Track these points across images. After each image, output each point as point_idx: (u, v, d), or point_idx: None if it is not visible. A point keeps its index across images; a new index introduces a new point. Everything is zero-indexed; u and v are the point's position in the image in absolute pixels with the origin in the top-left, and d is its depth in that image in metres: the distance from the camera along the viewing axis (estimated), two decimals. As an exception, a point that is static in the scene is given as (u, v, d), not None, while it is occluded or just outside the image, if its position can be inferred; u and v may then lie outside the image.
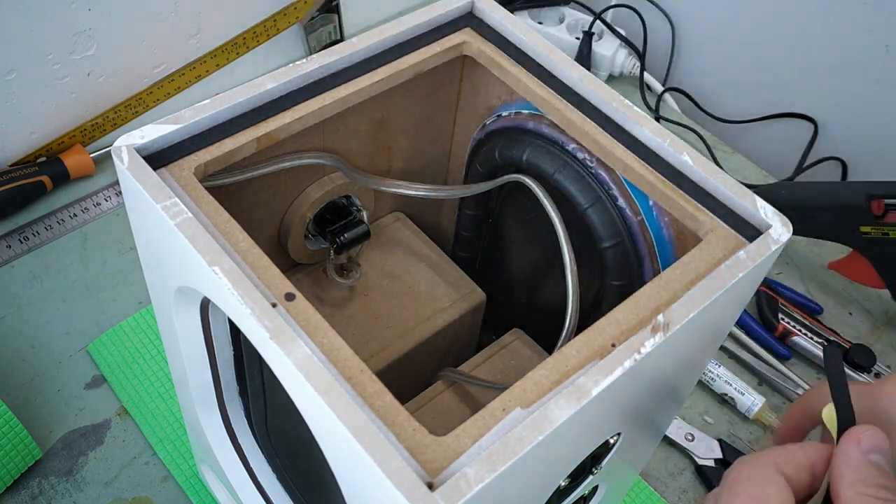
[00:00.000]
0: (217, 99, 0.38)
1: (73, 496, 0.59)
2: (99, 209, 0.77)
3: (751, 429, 0.68)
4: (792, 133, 0.96)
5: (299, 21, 0.90)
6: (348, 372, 0.29)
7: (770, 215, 0.36)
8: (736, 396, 0.68)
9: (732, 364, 0.73)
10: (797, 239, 0.81)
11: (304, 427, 0.31)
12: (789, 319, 0.74)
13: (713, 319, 0.37)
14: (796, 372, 0.72)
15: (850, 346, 0.73)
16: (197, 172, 0.36)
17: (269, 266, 0.32)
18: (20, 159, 0.76)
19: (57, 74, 0.74)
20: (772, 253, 0.35)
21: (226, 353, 0.43)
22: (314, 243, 0.51)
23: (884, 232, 0.69)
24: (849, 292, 0.79)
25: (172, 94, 0.83)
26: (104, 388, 0.65)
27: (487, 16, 0.45)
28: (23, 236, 0.73)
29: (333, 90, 0.40)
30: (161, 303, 0.41)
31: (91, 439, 0.62)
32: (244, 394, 0.47)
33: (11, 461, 0.57)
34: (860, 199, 0.69)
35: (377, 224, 0.55)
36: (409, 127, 0.49)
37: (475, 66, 0.45)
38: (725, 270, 0.34)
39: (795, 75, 0.94)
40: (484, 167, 0.48)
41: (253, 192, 0.44)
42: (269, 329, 0.30)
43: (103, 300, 0.70)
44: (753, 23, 0.94)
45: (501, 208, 0.53)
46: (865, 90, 0.89)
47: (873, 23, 0.85)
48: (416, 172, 0.53)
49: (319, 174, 0.47)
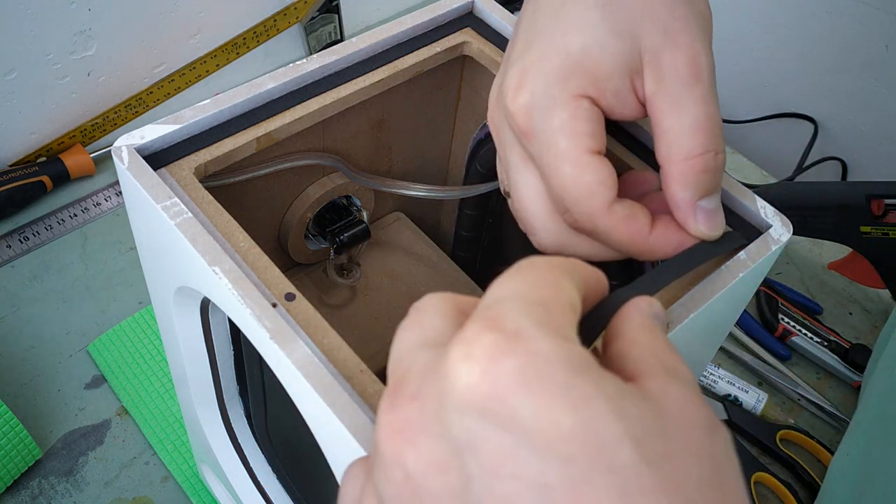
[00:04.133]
0: (217, 99, 0.38)
1: (73, 496, 0.59)
2: (99, 209, 0.77)
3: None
4: (792, 133, 0.96)
5: (299, 21, 0.90)
6: (348, 372, 0.29)
7: (770, 215, 0.36)
8: (740, 395, 0.69)
9: (732, 364, 0.73)
10: (797, 239, 0.81)
11: (304, 427, 0.31)
12: (789, 319, 0.74)
13: (713, 319, 0.37)
14: (796, 372, 0.72)
15: (850, 345, 0.73)
16: (197, 172, 0.36)
17: (269, 266, 0.32)
18: (20, 159, 0.76)
19: (57, 74, 0.74)
20: (772, 253, 0.35)
21: (226, 353, 0.43)
22: (314, 243, 0.51)
23: (884, 232, 0.69)
24: (849, 292, 0.79)
25: (172, 94, 0.83)
26: (104, 388, 0.65)
27: (487, 16, 0.45)
28: (23, 236, 0.73)
29: (333, 90, 0.40)
30: (161, 303, 0.41)
31: (91, 439, 0.62)
32: (244, 394, 0.47)
33: (11, 461, 0.57)
34: (860, 199, 0.69)
35: (377, 224, 0.56)
36: (409, 127, 0.49)
37: (475, 67, 0.45)
38: (725, 271, 0.34)
39: (795, 75, 0.94)
40: (484, 167, 0.48)
41: (253, 192, 0.44)
42: (269, 329, 0.30)
43: (103, 300, 0.70)
44: (753, 23, 0.94)
45: (501, 208, 0.53)
46: (865, 90, 0.89)
47: (873, 23, 0.85)
48: (416, 172, 0.53)
49: (319, 174, 0.47)
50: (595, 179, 0.31)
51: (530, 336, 0.21)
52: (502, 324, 0.21)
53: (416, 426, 0.21)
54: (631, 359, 0.24)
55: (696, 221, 0.32)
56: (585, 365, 0.21)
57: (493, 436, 0.20)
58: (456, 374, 0.21)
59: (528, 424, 0.20)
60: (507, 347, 0.21)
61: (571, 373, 0.20)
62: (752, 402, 0.68)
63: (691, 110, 0.31)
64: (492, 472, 0.20)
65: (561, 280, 0.23)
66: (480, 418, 0.20)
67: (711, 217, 0.32)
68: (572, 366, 0.20)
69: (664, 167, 0.31)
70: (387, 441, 0.22)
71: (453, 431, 0.20)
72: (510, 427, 0.20)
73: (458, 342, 0.21)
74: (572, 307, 0.23)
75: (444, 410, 0.21)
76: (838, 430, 0.69)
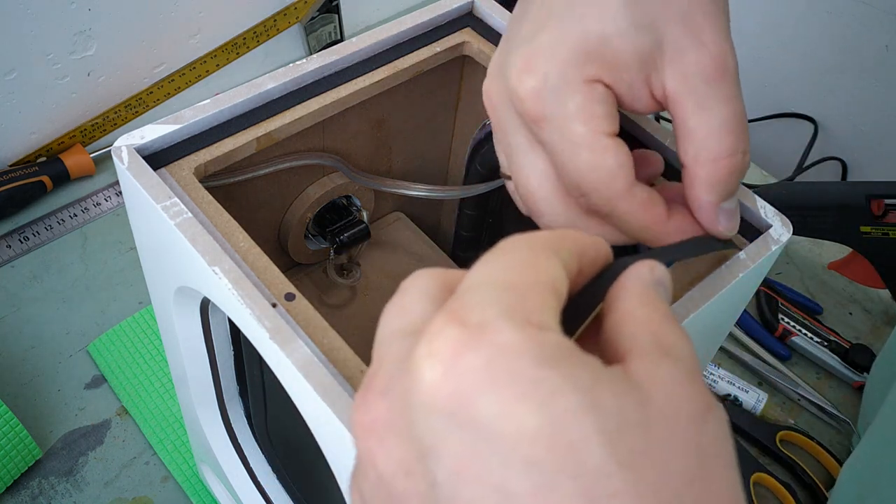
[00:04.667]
0: (217, 99, 0.38)
1: (73, 496, 0.59)
2: (99, 209, 0.77)
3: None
4: (792, 133, 0.96)
5: (299, 21, 0.90)
6: (348, 372, 0.29)
7: (770, 215, 0.36)
8: (740, 395, 0.69)
9: (732, 364, 0.73)
10: (797, 239, 0.81)
11: (304, 427, 0.31)
12: (789, 319, 0.74)
13: (713, 319, 0.37)
14: (796, 372, 0.72)
15: (850, 345, 0.73)
16: (197, 172, 0.36)
17: (269, 266, 0.32)
18: (20, 159, 0.76)
19: (57, 74, 0.74)
20: (772, 253, 0.35)
21: (226, 353, 0.43)
22: (314, 243, 0.51)
23: (884, 232, 0.69)
24: (849, 292, 0.79)
25: (172, 94, 0.83)
26: (104, 388, 0.65)
27: (487, 16, 0.45)
28: (23, 236, 0.73)
29: (333, 90, 0.40)
30: (161, 303, 0.41)
31: (91, 439, 0.62)
32: (244, 394, 0.47)
33: (11, 461, 0.57)
34: (860, 199, 0.69)
35: (377, 224, 0.55)
36: (409, 127, 0.49)
37: (475, 67, 0.45)
38: (725, 271, 0.34)
39: (795, 75, 0.94)
40: (484, 167, 0.48)
41: (253, 192, 0.44)
42: (269, 329, 0.30)
43: (103, 300, 0.70)
44: (753, 23, 0.94)
45: (501, 208, 0.53)
46: (865, 90, 0.89)
47: (873, 23, 0.85)
48: (416, 172, 0.53)
49: (319, 174, 0.47)
50: (615, 163, 0.30)
51: (495, 328, 0.19)
52: (467, 316, 0.20)
53: (384, 425, 0.20)
54: (623, 335, 0.22)
55: (719, 223, 0.31)
56: (558, 355, 0.19)
57: (455, 438, 0.19)
58: (419, 371, 0.19)
59: (491, 426, 0.18)
60: (470, 342, 0.19)
61: (540, 365, 0.19)
62: (752, 402, 0.68)
63: (719, 111, 0.30)
64: (454, 476, 0.19)
65: (539, 260, 0.22)
66: (443, 419, 0.19)
67: (732, 217, 0.32)
68: (542, 357, 0.19)
69: (689, 168, 0.31)
70: (358, 438, 0.21)
71: (417, 432, 0.19)
72: (473, 428, 0.19)
73: (424, 337, 0.20)
74: (552, 289, 0.21)
75: (409, 409, 0.20)
76: (838, 430, 0.69)
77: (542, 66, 0.30)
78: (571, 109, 0.30)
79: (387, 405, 0.21)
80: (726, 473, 0.20)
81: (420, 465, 0.19)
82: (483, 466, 0.18)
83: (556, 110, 0.30)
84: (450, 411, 0.19)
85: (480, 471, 0.18)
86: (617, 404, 0.19)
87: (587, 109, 0.30)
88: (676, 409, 0.20)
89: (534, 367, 0.19)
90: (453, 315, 0.20)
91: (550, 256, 0.22)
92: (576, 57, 0.30)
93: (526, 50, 0.31)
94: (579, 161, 0.30)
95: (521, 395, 0.18)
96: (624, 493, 0.18)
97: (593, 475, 0.18)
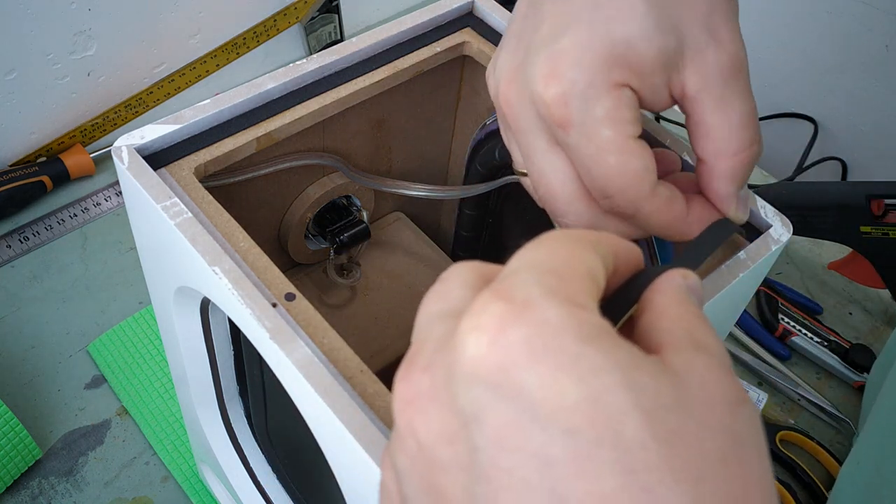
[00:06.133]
0: (217, 99, 0.38)
1: (73, 496, 0.59)
2: (99, 209, 0.77)
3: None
4: (792, 133, 0.96)
5: (299, 21, 0.90)
6: (348, 372, 0.29)
7: (770, 215, 0.36)
8: (736, 396, 0.68)
9: (732, 364, 0.73)
10: (797, 239, 0.81)
11: (304, 427, 0.31)
12: (789, 319, 0.74)
13: (713, 319, 0.37)
14: (796, 372, 0.72)
15: (850, 345, 0.73)
16: (197, 172, 0.36)
17: (269, 266, 0.32)
18: (20, 159, 0.76)
19: (57, 74, 0.74)
20: (772, 253, 0.35)
21: (226, 353, 0.43)
22: (314, 243, 0.51)
23: (884, 232, 0.69)
24: (849, 292, 0.79)
25: (172, 94, 0.83)
26: (104, 388, 0.65)
27: (487, 16, 0.45)
28: (23, 236, 0.73)
29: (333, 90, 0.40)
30: (161, 303, 0.41)
31: (91, 439, 0.62)
32: (244, 394, 0.47)
33: (11, 461, 0.57)
34: (860, 199, 0.69)
35: (377, 224, 0.56)
36: (409, 127, 0.49)
37: (475, 67, 0.45)
38: (725, 270, 0.34)
39: (795, 75, 0.94)
40: (484, 167, 0.48)
41: (253, 192, 0.44)
42: (269, 329, 0.30)
43: (103, 300, 0.70)
44: (753, 23, 0.94)
45: (501, 208, 0.53)
46: (865, 90, 0.89)
47: (873, 23, 0.85)
48: (416, 172, 0.53)
49: (319, 174, 0.47)
50: (641, 165, 0.30)
51: (539, 305, 0.20)
52: (512, 294, 0.21)
53: (427, 396, 0.21)
54: (658, 331, 0.23)
55: (739, 210, 0.32)
56: (597, 333, 0.20)
57: (498, 407, 0.20)
58: (464, 344, 0.20)
59: (533, 395, 0.19)
60: (514, 317, 0.20)
61: (581, 342, 0.20)
62: (752, 402, 0.68)
63: (737, 108, 0.31)
64: (496, 444, 0.19)
65: (579, 250, 0.23)
66: (487, 389, 0.20)
67: (746, 203, 0.33)
68: (582, 334, 0.20)
69: (710, 162, 0.32)
70: (400, 411, 0.22)
71: (460, 402, 0.20)
72: (515, 398, 0.19)
73: (469, 313, 0.21)
74: (591, 277, 0.22)
75: (452, 381, 0.21)
76: (838, 430, 0.69)
77: (568, 72, 0.30)
78: (599, 115, 0.30)
79: (429, 379, 0.21)
80: (759, 460, 0.20)
81: (462, 432, 0.20)
82: (524, 434, 0.19)
83: (584, 116, 0.30)
84: (494, 382, 0.20)
85: (522, 439, 0.19)
86: (654, 384, 0.20)
87: (615, 114, 0.30)
88: (711, 395, 0.21)
89: (575, 343, 0.20)
90: (498, 293, 0.21)
91: (591, 250, 0.23)
92: (603, 62, 0.30)
93: (549, 53, 0.31)
94: (607, 165, 0.31)
95: (562, 369, 0.19)
96: (659, 466, 0.19)
97: (630, 447, 0.19)
